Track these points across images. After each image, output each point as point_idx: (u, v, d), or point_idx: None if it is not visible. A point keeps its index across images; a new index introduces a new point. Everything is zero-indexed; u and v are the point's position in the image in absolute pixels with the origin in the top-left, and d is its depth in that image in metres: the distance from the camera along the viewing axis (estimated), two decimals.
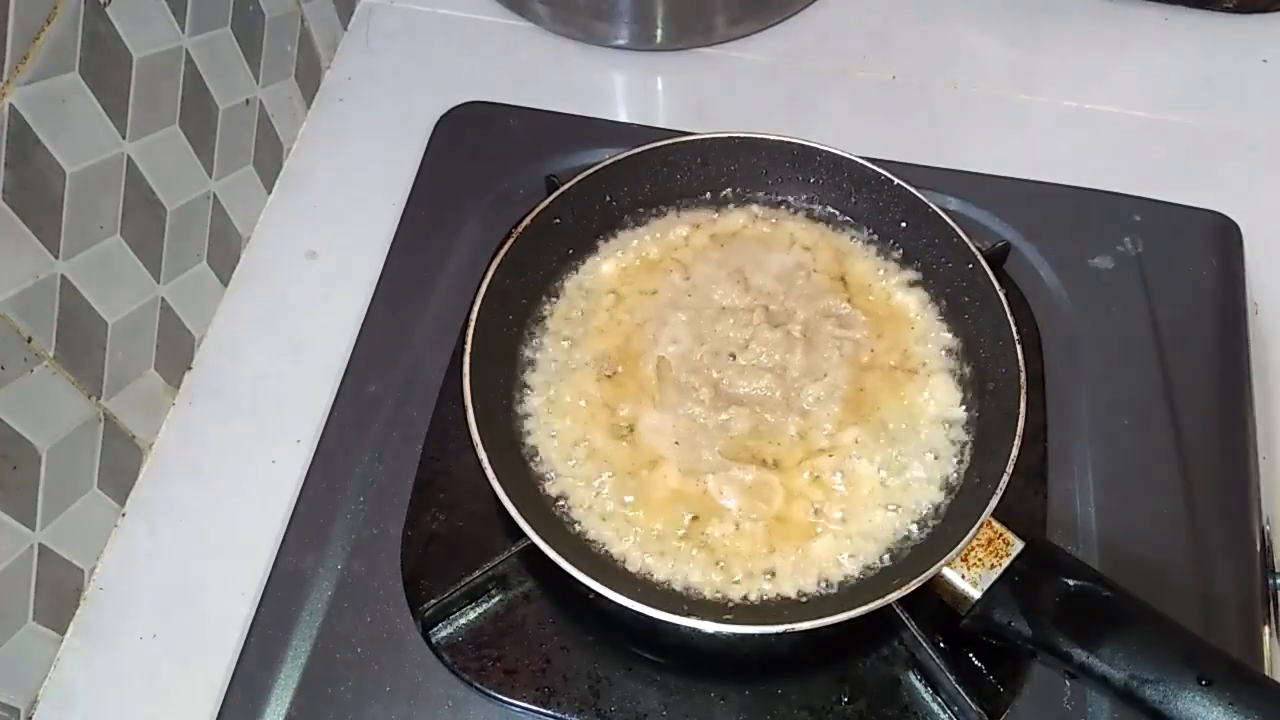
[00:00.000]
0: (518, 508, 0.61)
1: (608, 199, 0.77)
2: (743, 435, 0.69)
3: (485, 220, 0.82)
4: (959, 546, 0.60)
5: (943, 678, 0.61)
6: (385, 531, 0.70)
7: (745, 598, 0.64)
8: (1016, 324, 0.68)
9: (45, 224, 0.61)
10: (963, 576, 0.60)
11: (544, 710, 0.64)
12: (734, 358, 0.72)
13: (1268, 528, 0.70)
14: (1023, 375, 0.66)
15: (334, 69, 0.96)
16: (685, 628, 0.60)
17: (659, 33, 0.94)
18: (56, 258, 0.63)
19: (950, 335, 0.73)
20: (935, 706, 0.63)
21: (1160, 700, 0.54)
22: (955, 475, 0.68)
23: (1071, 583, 0.59)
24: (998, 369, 0.69)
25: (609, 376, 0.72)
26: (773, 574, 0.65)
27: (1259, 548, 0.69)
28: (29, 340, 0.62)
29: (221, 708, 0.64)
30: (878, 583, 0.63)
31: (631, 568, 0.65)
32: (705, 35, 0.96)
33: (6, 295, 0.59)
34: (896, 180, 0.74)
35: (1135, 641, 0.56)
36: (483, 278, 0.70)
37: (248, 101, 0.82)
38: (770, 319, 0.73)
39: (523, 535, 0.61)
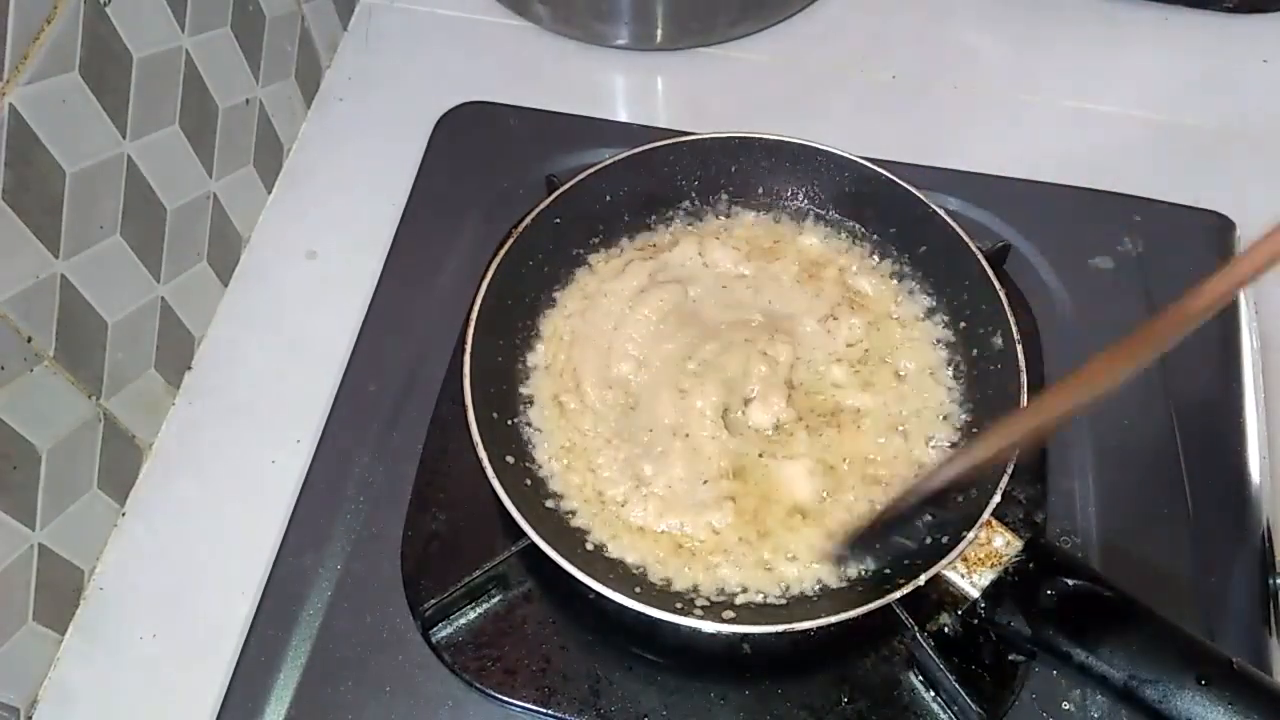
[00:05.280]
0: (518, 507, 0.61)
1: (608, 199, 0.77)
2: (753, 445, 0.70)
3: (485, 220, 0.82)
4: (959, 547, 0.60)
5: (943, 678, 0.61)
6: (385, 531, 0.70)
7: (745, 597, 0.64)
8: (1016, 324, 0.68)
9: (45, 224, 0.61)
10: (963, 576, 0.60)
11: (544, 710, 0.64)
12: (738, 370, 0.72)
13: (1268, 528, 0.70)
14: (1023, 375, 0.66)
15: (334, 69, 0.96)
16: (685, 628, 0.60)
17: (659, 33, 0.94)
18: (56, 258, 0.63)
19: (950, 335, 0.73)
20: (935, 706, 0.63)
21: (1160, 700, 0.54)
22: (955, 475, 0.68)
23: (1071, 583, 0.59)
24: (998, 369, 0.69)
25: (610, 383, 0.72)
26: (772, 574, 0.65)
27: (1259, 548, 0.69)
28: (29, 340, 0.62)
29: (221, 708, 0.64)
30: (878, 583, 0.62)
31: (631, 568, 0.65)
32: (705, 35, 0.96)
33: (6, 295, 0.59)
34: (897, 180, 0.74)
35: (1135, 641, 0.56)
36: (483, 277, 0.70)
37: (248, 101, 0.82)
38: (769, 325, 0.73)
39: (523, 535, 0.61)
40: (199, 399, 0.79)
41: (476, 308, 0.69)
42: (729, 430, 0.70)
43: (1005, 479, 0.62)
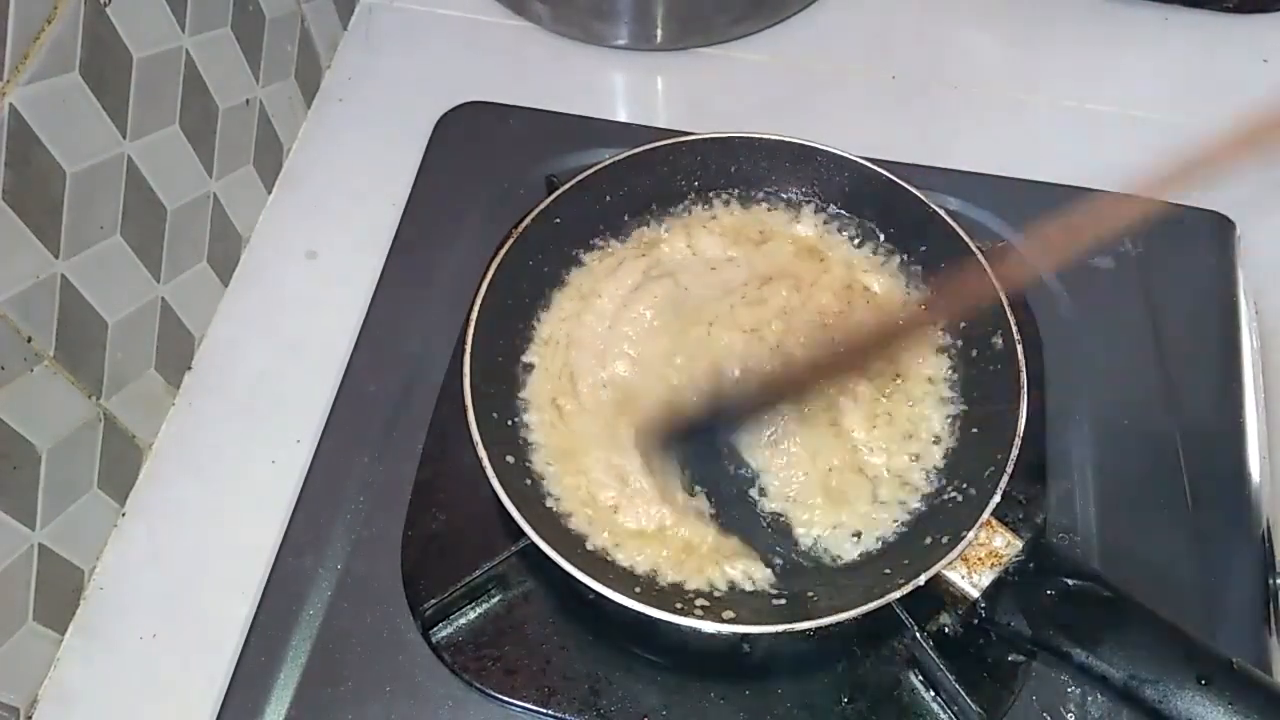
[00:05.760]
0: (518, 508, 0.61)
1: (608, 199, 0.77)
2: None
3: (485, 220, 0.82)
4: (959, 546, 0.60)
5: (943, 678, 0.61)
6: (385, 531, 0.70)
7: (745, 596, 0.64)
8: (1017, 324, 0.68)
9: (45, 224, 0.61)
10: (962, 576, 0.60)
11: (544, 710, 0.64)
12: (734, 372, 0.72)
13: (1268, 528, 0.70)
14: (1023, 375, 0.66)
15: (334, 69, 0.96)
16: (685, 628, 0.60)
17: (659, 33, 0.94)
18: (56, 258, 0.63)
19: (950, 335, 0.73)
20: (935, 706, 0.63)
21: (1160, 700, 0.54)
22: (954, 473, 0.68)
23: (1071, 583, 0.59)
24: (996, 365, 0.69)
25: (604, 384, 0.72)
26: (772, 572, 0.65)
27: (1259, 548, 0.69)
28: (29, 340, 0.62)
29: (221, 708, 0.64)
30: (878, 582, 0.62)
31: (632, 568, 0.65)
32: (705, 35, 0.96)
33: (6, 295, 0.59)
34: (896, 180, 0.74)
35: (1135, 641, 0.56)
36: (483, 278, 0.70)
37: (248, 101, 0.82)
38: (768, 323, 0.73)
39: (523, 535, 0.61)
40: (199, 399, 0.79)
41: (476, 308, 0.69)
42: None
43: (1005, 479, 0.62)
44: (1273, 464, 0.73)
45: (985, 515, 0.61)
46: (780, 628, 0.59)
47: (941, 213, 0.73)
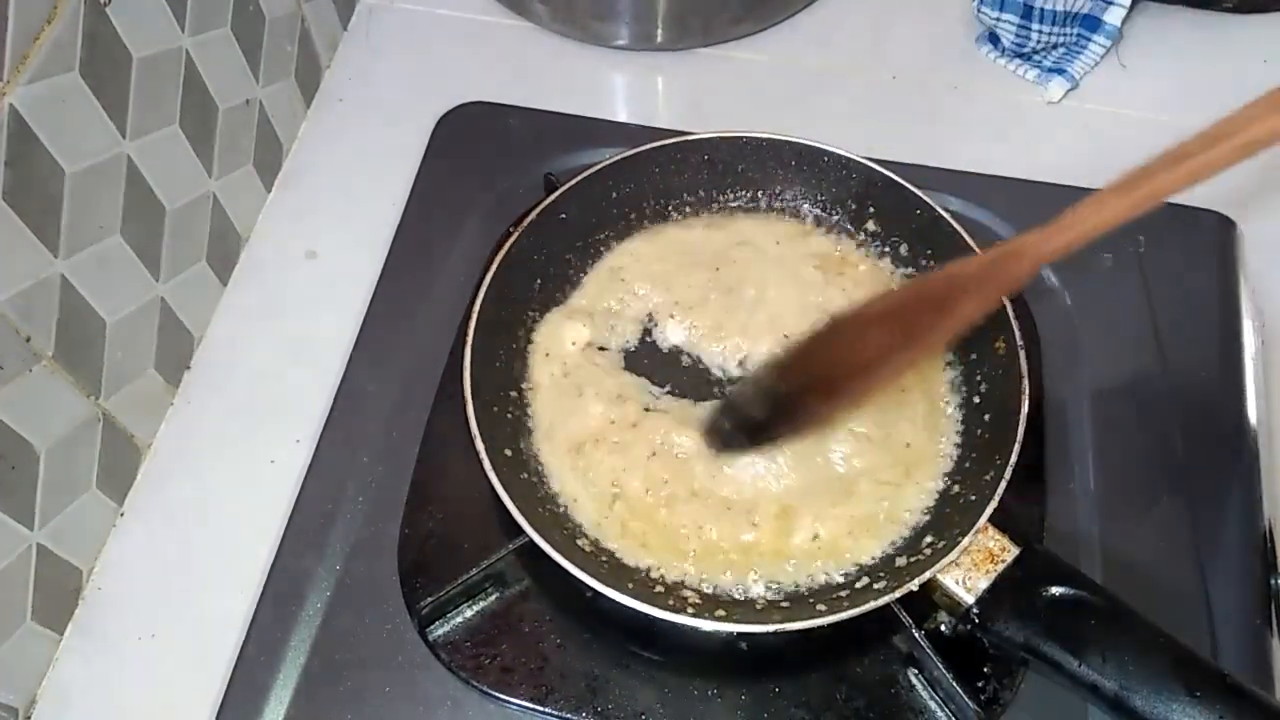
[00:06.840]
0: (514, 502, 0.61)
1: (609, 198, 0.78)
2: None
3: (485, 219, 0.82)
4: (954, 552, 0.60)
5: (941, 677, 0.61)
6: (384, 531, 0.70)
7: (743, 596, 0.64)
8: (1017, 324, 0.68)
9: (45, 224, 0.61)
10: (957, 581, 0.60)
11: (541, 708, 0.64)
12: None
13: (1268, 528, 0.70)
14: (1024, 381, 0.66)
15: (334, 69, 0.96)
16: (683, 626, 0.60)
17: (659, 33, 0.94)
18: (56, 258, 0.63)
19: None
20: (933, 705, 0.63)
21: (1150, 712, 0.53)
22: (953, 477, 0.68)
23: (1063, 590, 0.58)
24: (997, 370, 0.69)
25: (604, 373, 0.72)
26: (771, 572, 0.65)
27: (1259, 548, 0.68)
28: (28, 340, 0.62)
29: (221, 708, 0.64)
30: (875, 583, 0.62)
31: (629, 565, 0.65)
32: (705, 35, 0.96)
33: (6, 295, 0.59)
34: (897, 180, 0.74)
35: (1126, 651, 0.55)
36: (482, 277, 0.70)
37: (248, 101, 0.82)
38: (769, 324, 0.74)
39: (519, 533, 0.61)
40: (198, 399, 0.79)
41: (477, 307, 0.69)
42: None
43: (1004, 483, 0.61)
44: (1273, 464, 0.73)
45: (982, 521, 0.60)
46: (776, 627, 0.59)
47: (942, 212, 0.73)
